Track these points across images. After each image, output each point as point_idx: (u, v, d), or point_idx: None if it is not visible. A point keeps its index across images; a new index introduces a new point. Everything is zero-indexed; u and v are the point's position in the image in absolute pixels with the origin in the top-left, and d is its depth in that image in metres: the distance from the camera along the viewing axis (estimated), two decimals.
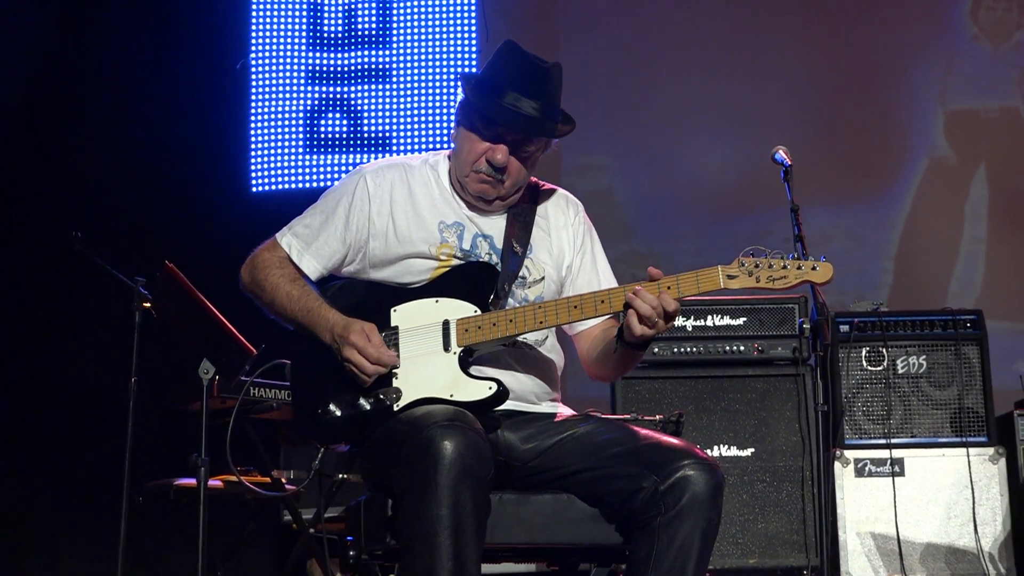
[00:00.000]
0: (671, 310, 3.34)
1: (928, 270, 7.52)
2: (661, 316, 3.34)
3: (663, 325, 3.36)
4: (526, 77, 3.55)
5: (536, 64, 3.58)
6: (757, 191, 7.11)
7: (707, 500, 3.31)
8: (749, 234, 7.34)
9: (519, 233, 3.63)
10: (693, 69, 7.65)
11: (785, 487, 5.58)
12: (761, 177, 7.04)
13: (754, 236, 7.35)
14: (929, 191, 7.53)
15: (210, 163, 7.39)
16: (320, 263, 3.64)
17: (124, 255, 5.38)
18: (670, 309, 3.33)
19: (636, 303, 3.34)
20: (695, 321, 5.73)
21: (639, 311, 3.33)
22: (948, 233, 7.52)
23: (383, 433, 3.39)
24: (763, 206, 7.09)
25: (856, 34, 7.66)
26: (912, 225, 7.54)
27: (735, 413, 5.66)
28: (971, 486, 5.52)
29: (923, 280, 7.48)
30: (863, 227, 7.52)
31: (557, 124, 3.60)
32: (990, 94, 7.60)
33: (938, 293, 7.30)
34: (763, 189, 7.08)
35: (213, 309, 4.76)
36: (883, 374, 5.70)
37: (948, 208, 7.55)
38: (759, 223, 7.18)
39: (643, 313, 3.33)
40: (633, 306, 3.35)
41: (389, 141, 7.36)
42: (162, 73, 7.38)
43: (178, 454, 5.22)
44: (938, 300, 6.93)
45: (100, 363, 6.23)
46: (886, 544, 5.52)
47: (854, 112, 7.61)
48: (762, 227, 7.08)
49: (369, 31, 7.43)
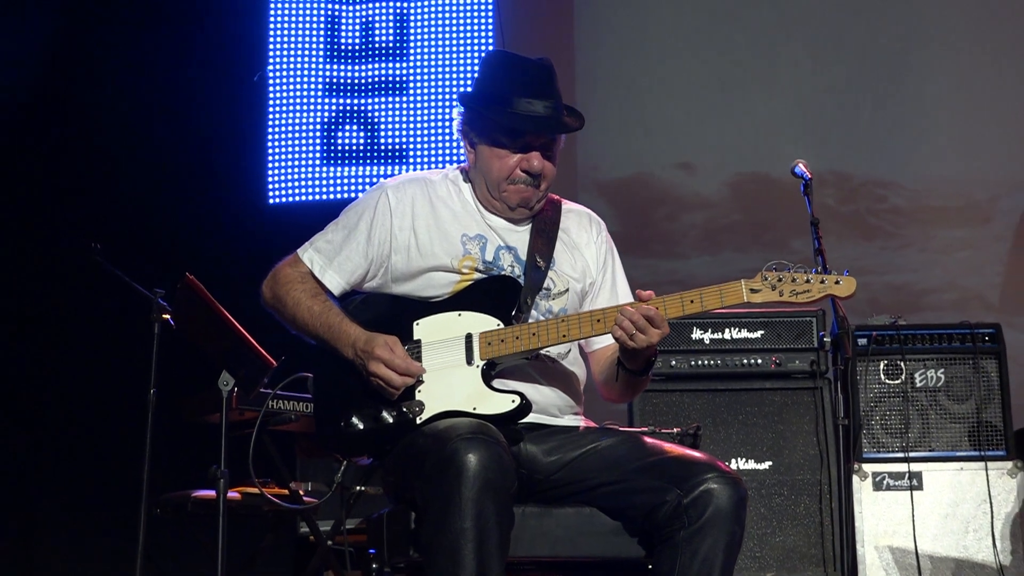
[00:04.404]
0: (649, 315, 3.33)
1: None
2: (642, 329, 3.33)
3: (643, 339, 3.34)
4: (530, 80, 3.58)
5: (534, 65, 3.62)
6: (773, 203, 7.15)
7: (730, 514, 3.31)
8: (761, 247, 7.37)
9: (543, 247, 3.64)
10: (709, 72, 7.67)
11: (803, 500, 5.57)
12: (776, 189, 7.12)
13: (769, 250, 7.35)
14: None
15: (227, 174, 7.40)
16: (343, 278, 3.65)
17: (141, 266, 5.39)
18: (649, 314, 3.33)
19: (618, 318, 3.36)
20: (712, 334, 5.72)
21: (619, 325, 3.35)
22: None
23: (406, 446, 3.40)
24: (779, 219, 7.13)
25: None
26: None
27: (752, 426, 5.65)
28: (989, 500, 5.51)
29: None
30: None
31: (571, 118, 3.65)
32: None
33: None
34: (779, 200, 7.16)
35: (233, 321, 4.76)
36: (901, 387, 5.69)
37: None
38: (774, 237, 7.21)
39: (621, 326, 3.34)
40: (616, 323, 3.36)
41: (406, 153, 7.37)
42: (180, 84, 7.39)
43: (195, 466, 5.22)
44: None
45: (119, 374, 6.24)
46: (904, 558, 5.51)
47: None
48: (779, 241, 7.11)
49: (386, 43, 7.44)
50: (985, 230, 7.52)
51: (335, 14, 7.48)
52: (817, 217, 4.29)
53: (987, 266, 7.50)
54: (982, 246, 7.51)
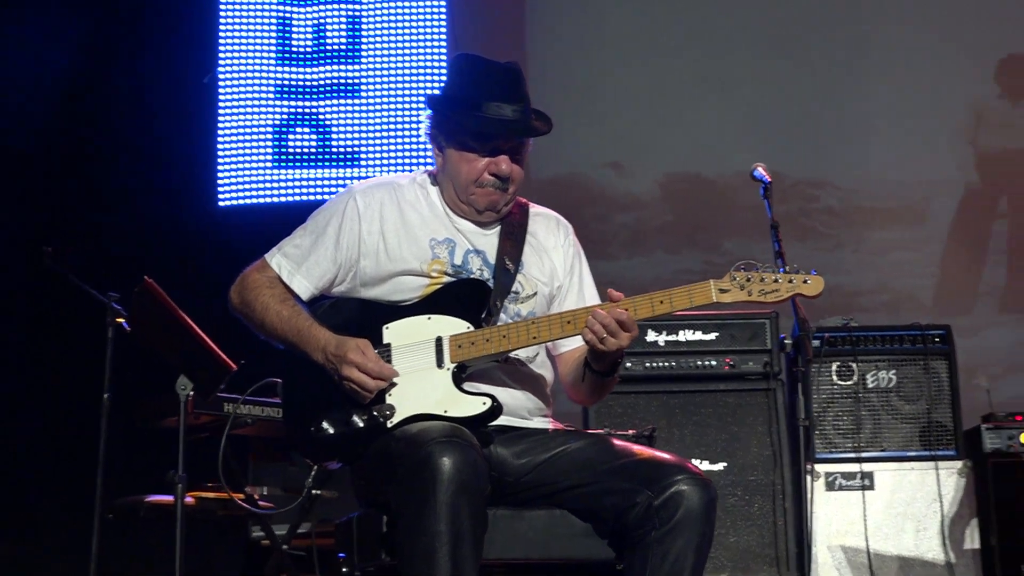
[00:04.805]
0: (621, 319, 3.36)
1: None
2: (613, 332, 3.36)
3: (613, 342, 3.37)
4: (498, 84, 3.59)
5: (502, 69, 3.63)
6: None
7: (701, 515, 3.33)
8: (693, 248, 7.37)
9: (511, 250, 3.65)
10: (663, 77, 7.69)
11: (757, 501, 5.61)
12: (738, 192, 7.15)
13: (701, 251, 7.34)
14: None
15: (178, 177, 7.35)
16: (311, 283, 3.64)
17: (92, 270, 5.34)
18: (621, 318, 3.36)
19: (588, 321, 3.38)
20: (667, 336, 5.76)
21: (589, 327, 3.37)
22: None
23: (378, 450, 3.39)
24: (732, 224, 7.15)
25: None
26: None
27: (707, 427, 5.69)
28: (940, 499, 5.59)
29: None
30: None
31: (539, 121, 3.66)
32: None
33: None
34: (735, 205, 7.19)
35: (192, 324, 4.73)
36: (853, 388, 5.77)
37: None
38: (707, 238, 7.24)
39: (592, 329, 3.36)
40: (587, 325, 3.39)
41: (358, 156, 7.35)
42: (129, 86, 7.33)
43: (147, 471, 5.19)
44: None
45: (72, 379, 6.18)
46: (856, 557, 5.57)
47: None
48: (710, 242, 7.14)
49: (338, 46, 7.42)
50: (919, 231, 7.58)
51: (286, 17, 7.44)
52: (777, 220, 4.32)
53: (921, 267, 7.57)
54: (915, 247, 7.58)
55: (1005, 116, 7.64)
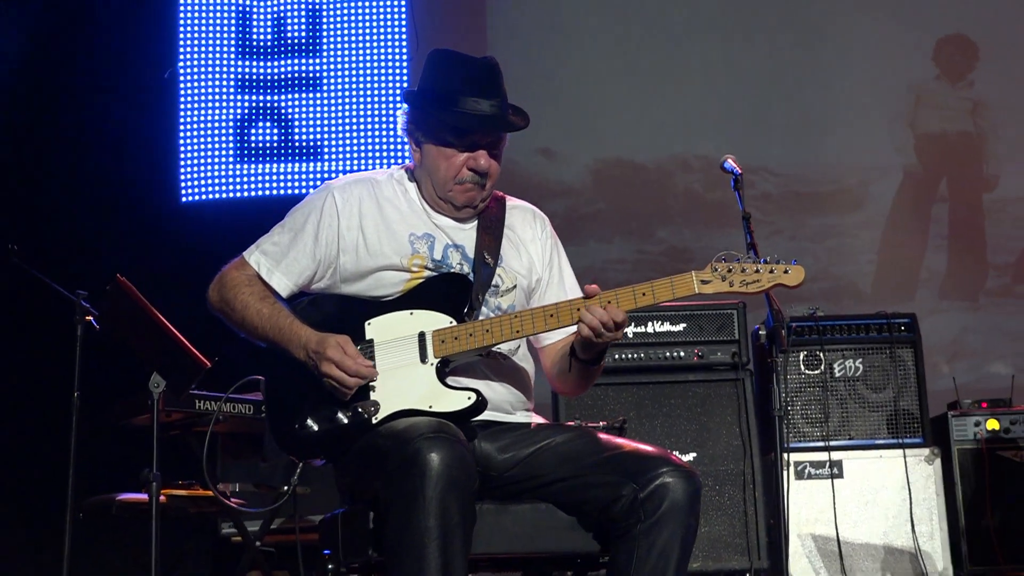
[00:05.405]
0: (619, 320, 3.39)
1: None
2: (611, 328, 3.39)
3: (609, 336, 3.41)
4: (474, 79, 3.59)
5: (478, 64, 3.62)
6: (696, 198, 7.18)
7: (685, 507, 3.35)
8: (625, 237, 7.33)
9: (490, 243, 3.65)
10: (626, 72, 7.69)
11: (727, 491, 5.63)
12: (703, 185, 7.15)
13: (634, 240, 7.28)
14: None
15: (139, 173, 7.30)
16: (290, 280, 3.63)
17: (55, 267, 5.30)
18: (619, 319, 3.39)
19: (585, 316, 3.39)
20: (635, 328, 5.77)
21: (587, 324, 3.38)
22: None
23: (364, 446, 3.39)
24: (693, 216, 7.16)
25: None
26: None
27: (677, 418, 5.71)
28: (908, 487, 5.63)
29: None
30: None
31: (516, 116, 3.66)
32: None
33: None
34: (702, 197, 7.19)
35: (165, 322, 4.70)
36: (820, 377, 5.81)
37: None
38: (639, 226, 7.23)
39: (590, 325, 3.38)
40: (583, 320, 3.39)
41: (320, 150, 7.32)
42: (89, 82, 7.28)
43: (117, 469, 5.15)
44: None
45: (41, 378, 6.13)
46: (826, 545, 5.61)
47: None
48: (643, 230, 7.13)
49: (298, 39, 7.39)
50: (856, 216, 7.61)
51: (246, 9, 7.41)
52: (748, 211, 4.33)
53: (859, 254, 7.60)
54: (854, 233, 7.61)
55: (943, 97, 7.66)
